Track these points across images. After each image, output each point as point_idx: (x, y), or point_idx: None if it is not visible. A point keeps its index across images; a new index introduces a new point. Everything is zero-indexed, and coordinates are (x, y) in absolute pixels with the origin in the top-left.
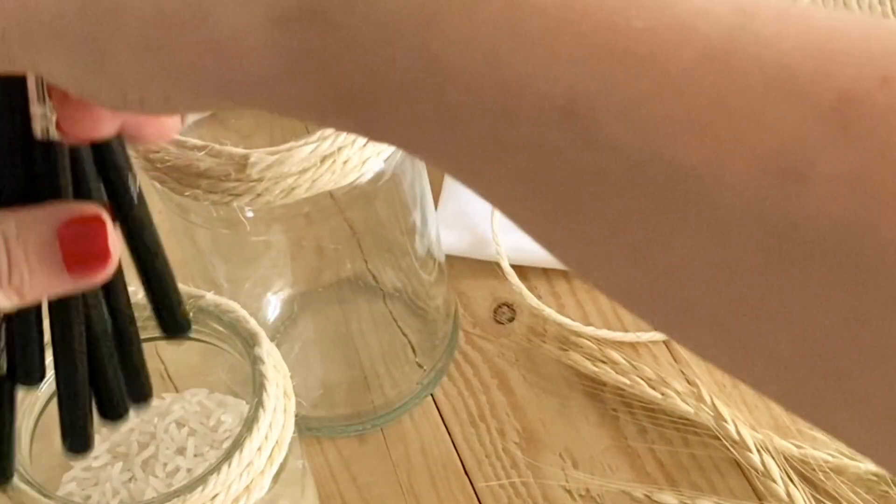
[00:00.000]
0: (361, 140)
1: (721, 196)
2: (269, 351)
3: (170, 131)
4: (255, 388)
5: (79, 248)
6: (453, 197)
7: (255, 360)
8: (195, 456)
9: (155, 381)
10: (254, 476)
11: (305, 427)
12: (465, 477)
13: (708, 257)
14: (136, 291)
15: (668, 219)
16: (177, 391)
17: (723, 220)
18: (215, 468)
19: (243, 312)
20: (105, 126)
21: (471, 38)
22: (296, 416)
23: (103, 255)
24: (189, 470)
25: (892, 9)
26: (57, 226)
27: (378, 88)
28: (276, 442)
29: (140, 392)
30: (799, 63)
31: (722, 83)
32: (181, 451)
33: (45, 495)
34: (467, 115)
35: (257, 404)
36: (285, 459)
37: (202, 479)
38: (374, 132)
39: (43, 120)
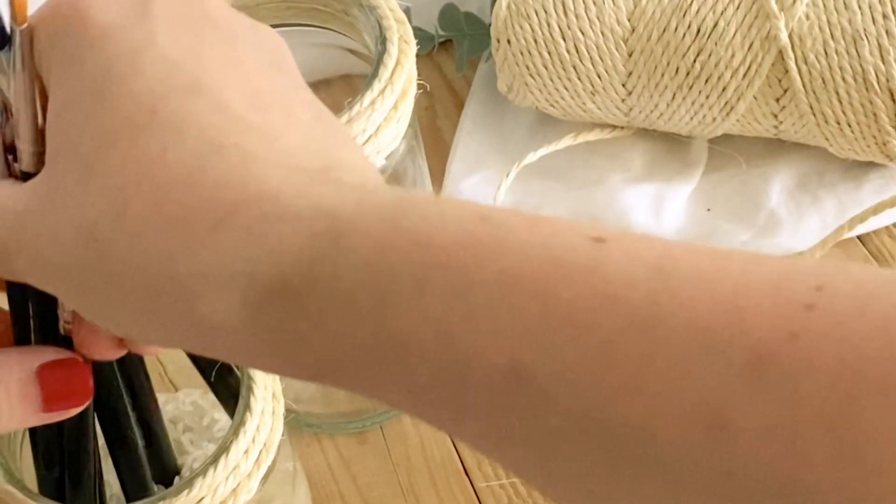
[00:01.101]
0: (361, 138)
1: (661, 449)
2: None
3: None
4: (242, 391)
5: (58, 388)
6: (454, 197)
7: None
8: (190, 453)
9: (154, 381)
10: (240, 479)
11: (305, 423)
12: (465, 477)
13: (663, 500)
14: None
15: (621, 469)
16: (176, 390)
17: (667, 469)
18: (201, 471)
19: None
20: (112, 353)
21: (421, 314)
22: (295, 413)
23: (82, 393)
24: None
25: (893, 8)
26: (35, 367)
27: (346, 362)
28: (264, 445)
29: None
30: (714, 321)
31: (647, 347)
32: (177, 447)
33: (33, 498)
34: (427, 383)
35: (244, 407)
36: (273, 462)
37: (188, 482)
38: (351, 391)
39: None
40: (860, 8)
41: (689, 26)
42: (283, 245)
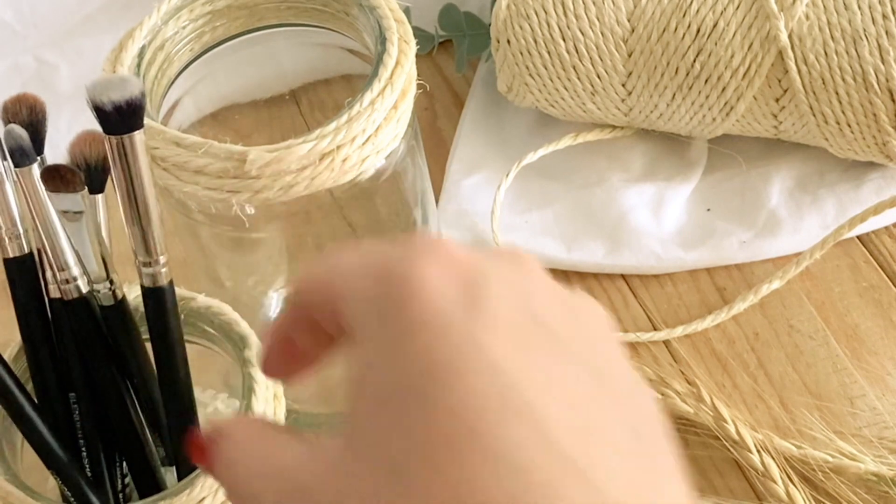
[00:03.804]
0: (361, 138)
1: None
2: (259, 353)
3: None
4: (244, 391)
5: None
6: (454, 197)
7: (245, 363)
8: None
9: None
10: None
11: (305, 423)
12: None
13: None
14: None
15: None
16: None
17: None
18: (202, 471)
19: (235, 315)
20: None
21: None
22: (295, 413)
23: None
24: None
25: (893, 8)
26: None
27: None
28: None
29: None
30: None
31: None
32: None
33: (34, 498)
34: None
35: (246, 407)
36: None
37: (189, 482)
38: None
39: None
40: (860, 8)
41: (688, 26)
42: None
